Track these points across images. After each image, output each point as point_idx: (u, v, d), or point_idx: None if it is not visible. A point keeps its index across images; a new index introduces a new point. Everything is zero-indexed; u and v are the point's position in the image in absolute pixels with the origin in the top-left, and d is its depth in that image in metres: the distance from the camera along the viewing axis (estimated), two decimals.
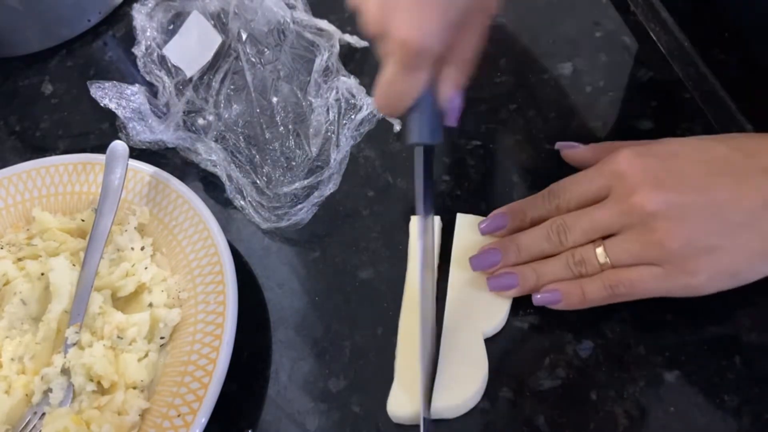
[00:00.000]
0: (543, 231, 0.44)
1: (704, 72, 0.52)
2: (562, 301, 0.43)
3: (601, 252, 0.42)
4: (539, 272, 0.44)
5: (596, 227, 0.42)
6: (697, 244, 0.39)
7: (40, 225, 0.52)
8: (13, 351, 0.46)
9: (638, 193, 0.40)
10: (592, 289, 0.43)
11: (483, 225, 0.47)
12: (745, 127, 0.49)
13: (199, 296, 0.47)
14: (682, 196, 0.40)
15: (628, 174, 0.41)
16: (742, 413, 0.40)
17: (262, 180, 0.53)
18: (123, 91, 0.57)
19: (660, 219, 0.40)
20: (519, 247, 0.45)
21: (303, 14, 0.59)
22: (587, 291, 0.43)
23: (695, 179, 0.40)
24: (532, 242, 0.45)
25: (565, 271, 0.44)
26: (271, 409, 0.45)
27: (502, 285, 0.45)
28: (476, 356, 0.44)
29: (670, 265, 0.40)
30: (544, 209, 0.45)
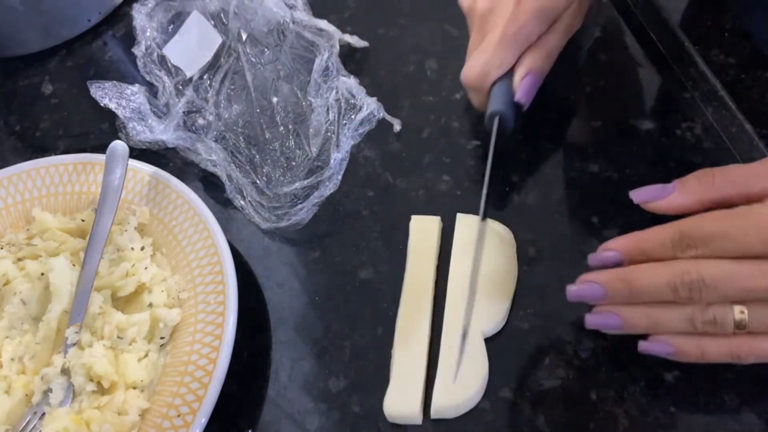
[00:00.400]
0: (667, 278, 0.36)
1: (704, 72, 0.52)
2: (673, 356, 0.38)
3: (741, 316, 0.35)
4: (651, 319, 0.37)
5: (746, 295, 0.35)
6: None
7: (40, 225, 0.52)
8: (13, 351, 0.46)
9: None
10: (713, 352, 0.37)
11: (594, 258, 0.40)
12: (745, 127, 0.49)
13: (199, 296, 0.47)
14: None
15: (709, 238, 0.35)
16: (742, 413, 0.40)
17: (262, 180, 0.53)
18: (123, 91, 0.57)
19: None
20: (632, 290, 0.37)
21: (303, 14, 0.59)
22: (707, 352, 0.37)
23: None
24: (650, 288, 0.37)
25: (686, 325, 0.37)
26: (271, 409, 0.45)
27: (602, 324, 0.39)
28: (477, 356, 0.44)
29: None
30: (670, 255, 0.37)
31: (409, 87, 0.58)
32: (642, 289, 0.37)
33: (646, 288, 0.37)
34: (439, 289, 0.47)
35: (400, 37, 0.61)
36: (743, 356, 0.36)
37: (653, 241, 0.38)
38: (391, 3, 0.63)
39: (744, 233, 0.35)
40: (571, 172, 0.51)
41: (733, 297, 0.35)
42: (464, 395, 0.42)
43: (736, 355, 0.36)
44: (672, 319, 0.37)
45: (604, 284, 0.38)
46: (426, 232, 0.49)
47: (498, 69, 0.46)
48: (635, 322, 0.38)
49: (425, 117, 0.56)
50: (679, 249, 0.36)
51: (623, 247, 0.39)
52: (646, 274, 0.37)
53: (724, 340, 0.36)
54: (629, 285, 0.37)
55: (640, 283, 0.37)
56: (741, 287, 0.35)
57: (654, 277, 0.37)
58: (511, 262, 0.47)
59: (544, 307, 0.45)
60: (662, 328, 0.38)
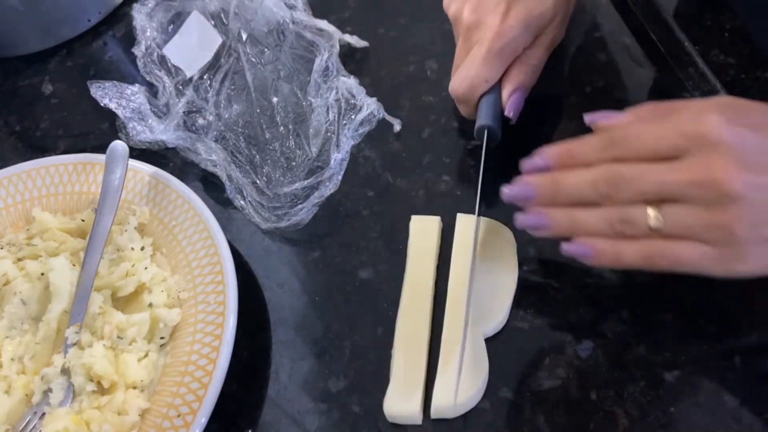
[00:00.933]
0: (591, 178, 0.39)
1: (704, 72, 0.52)
2: (593, 258, 0.39)
3: (655, 215, 0.37)
4: (574, 219, 0.40)
5: (659, 190, 0.37)
6: (762, 232, 0.36)
7: (40, 225, 0.52)
8: (13, 351, 0.46)
9: (725, 170, 0.35)
10: (629, 253, 0.38)
11: (528, 162, 0.43)
12: None
13: (199, 296, 0.47)
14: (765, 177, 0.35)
15: (717, 143, 0.36)
16: (742, 413, 0.40)
17: (262, 180, 0.53)
18: (123, 91, 0.57)
19: (738, 202, 0.35)
20: (558, 188, 0.40)
21: (303, 14, 0.59)
22: (623, 254, 0.39)
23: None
24: (575, 187, 0.40)
25: (604, 225, 0.39)
26: (271, 409, 0.45)
27: (530, 223, 0.41)
28: (477, 356, 0.44)
29: (727, 248, 0.36)
30: (597, 155, 0.40)
31: (409, 87, 0.58)
32: (567, 188, 0.40)
33: (571, 186, 0.40)
34: (439, 289, 0.47)
35: (400, 37, 0.61)
36: (656, 259, 0.38)
37: (582, 144, 0.41)
38: (391, 3, 0.63)
39: (661, 130, 0.38)
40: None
41: (648, 193, 0.37)
42: (464, 395, 0.42)
43: (649, 257, 0.38)
44: (592, 218, 0.39)
45: (534, 184, 0.41)
46: (426, 232, 0.49)
47: (485, 83, 0.48)
48: (558, 220, 0.40)
49: (425, 117, 0.56)
50: (602, 149, 0.39)
51: (554, 150, 0.42)
52: (571, 175, 0.40)
53: (639, 243, 0.38)
54: (556, 184, 0.40)
55: (566, 181, 0.40)
56: (655, 181, 0.37)
57: (578, 177, 0.40)
58: (511, 262, 0.47)
59: (544, 307, 0.45)
60: (583, 227, 0.40)
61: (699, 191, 0.36)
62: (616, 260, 0.39)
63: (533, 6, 0.48)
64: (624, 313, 0.44)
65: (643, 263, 0.39)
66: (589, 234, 0.40)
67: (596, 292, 0.46)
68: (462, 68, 0.49)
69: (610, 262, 0.39)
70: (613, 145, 0.39)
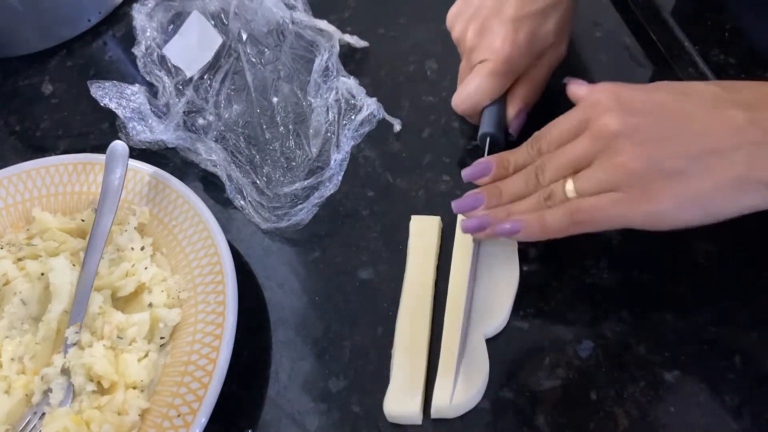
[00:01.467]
0: (523, 174, 0.44)
1: (704, 72, 0.52)
2: (521, 231, 0.43)
3: (570, 186, 0.41)
4: (511, 210, 0.44)
5: (568, 161, 0.42)
6: (660, 166, 0.38)
7: (40, 225, 0.52)
8: (13, 351, 0.46)
9: (606, 115, 0.40)
10: (552, 219, 0.42)
11: (466, 171, 0.47)
12: None
13: (199, 296, 0.47)
14: (648, 118, 0.39)
15: (601, 103, 0.41)
16: (742, 413, 0.40)
17: (262, 180, 0.53)
18: (123, 91, 0.57)
19: (624, 139, 0.39)
20: (501, 191, 0.45)
21: (303, 15, 0.59)
22: (548, 220, 0.42)
23: (667, 106, 0.40)
24: (512, 185, 0.45)
25: (535, 207, 0.43)
26: (271, 409, 0.45)
27: (473, 226, 0.45)
28: (477, 357, 0.44)
29: (633, 189, 0.39)
30: (527, 155, 0.45)
31: (409, 87, 0.58)
32: (506, 186, 0.45)
33: (511, 184, 0.45)
34: (439, 289, 0.47)
35: (400, 37, 0.61)
36: (575, 216, 0.41)
37: (515, 150, 0.46)
38: (391, 3, 0.63)
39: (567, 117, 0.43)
40: None
41: (564, 168, 0.42)
42: (464, 396, 0.42)
43: (568, 214, 0.41)
44: (523, 205, 0.44)
45: (481, 192, 0.46)
46: (426, 232, 0.49)
47: (488, 99, 0.50)
48: (499, 215, 0.44)
49: (425, 117, 0.56)
50: (530, 146, 0.45)
51: (492, 156, 0.47)
52: (511, 178, 0.45)
53: (558, 207, 0.42)
54: (498, 188, 0.45)
55: (506, 183, 0.45)
56: (567, 158, 0.42)
57: (515, 177, 0.45)
58: (512, 262, 0.47)
59: (544, 307, 0.45)
60: (517, 214, 0.44)
61: (594, 145, 0.40)
62: (543, 228, 0.42)
63: (536, 27, 0.49)
64: (624, 313, 0.44)
65: (567, 224, 0.41)
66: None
67: (596, 292, 0.46)
68: (465, 84, 0.50)
69: (539, 231, 0.43)
70: (536, 142, 0.45)
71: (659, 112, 0.39)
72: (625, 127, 0.39)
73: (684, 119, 0.39)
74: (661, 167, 0.38)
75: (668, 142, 0.38)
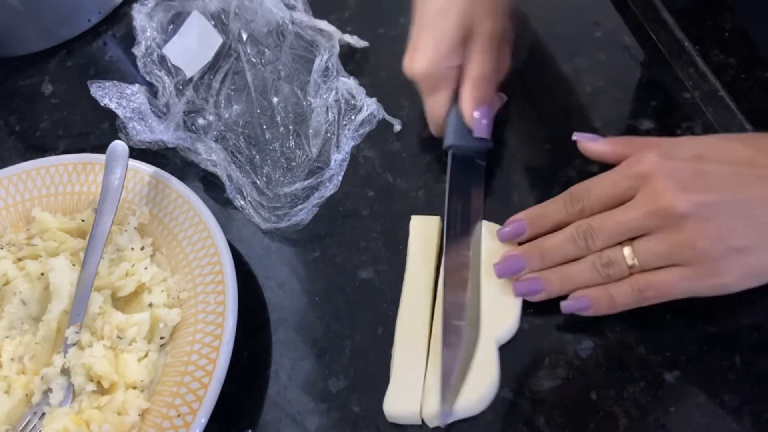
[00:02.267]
0: (568, 234, 0.43)
1: (704, 72, 0.52)
2: (591, 308, 0.43)
3: (629, 253, 0.41)
4: (564, 275, 0.43)
5: (624, 229, 0.41)
6: (726, 244, 0.39)
7: (40, 225, 0.52)
8: (13, 351, 0.46)
9: (666, 195, 0.40)
10: (620, 294, 0.42)
11: (501, 232, 0.46)
12: (745, 127, 0.49)
13: (199, 296, 0.47)
14: (709, 196, 0.39)
15: (655, 176, 0.40)
16: (742, 413, 0.40)
17: (262, 180, 0.53)
18: (123, 91, 0.57)
19: (688, 220, 0.39)
20: (543, 252, 0.44)
21: (303, 15, 0.59)
22: (615, 296, 0.42)
23: (722, 180, 0.40)
24: (557, 247, 0.44)
25: (591, 273, 0.43)
26: (271, 409, 0.45)
27: (527, 290, 0.44)
28: (487, 361, 0.43)
29: (700, 265, 0.40)
30: (565, 213, 0.44)
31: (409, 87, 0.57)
32: (551, 249, 0.44)
33: (554, 247, 0.44)
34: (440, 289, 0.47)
35: (400, 37, 0.60)
36: (645, 292, 0.41)
37: (550, 204, 0.45)
38: (391, 3, 0.63)
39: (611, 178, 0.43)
40: (571, 172, 0.51)
41: (618, 235, 0.42)
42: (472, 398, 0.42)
43: (637, 291, 0.41)
44: (579, 270, 0.43)
45: (522, 255, 0.45)
46: (426, 232, 0.49)
47: (441, 113, 0.49)
48: (551, 280, 0.44)
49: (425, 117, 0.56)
50: (569, 204, 0.44)
51: (527, 214, 0.46)
52: (552, 237, 0.44)
53: (625, 282, 0.42)
54: (540, 248, 0.44)
55: (548, 243, 0.44)
56: (618, 222, 0.41)
57: (559, 236, 0.44)
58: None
59: (544, 307, 0.45)
60: (574, 280, 0.43)
61: (655, 221, 0.40)
62: (612, 304, 0.42)
63: (437, 30, 0.47)
64: (624, 313, 0.44)
65: (636, 299, 0.42)
66: (580, 285, 0.43)
67: None
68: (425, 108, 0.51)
69: (607, 308, 0.42)
70: (576, 201, 0.44)
71: (716, 189, 0.40)
72: (687, 209, 0.39)
73: (740, 193, 0.39)
74: (725, 245, 0.39)
75: (729, 219, 0.39)
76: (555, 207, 0.45)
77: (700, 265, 0.40)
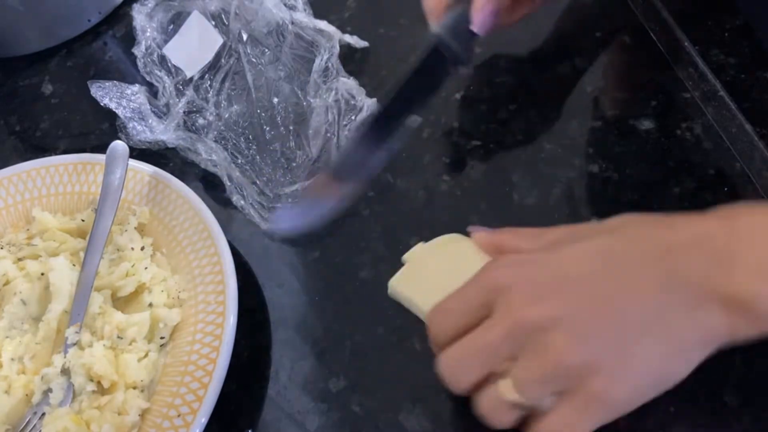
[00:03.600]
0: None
1: (704, 72, 0.52)
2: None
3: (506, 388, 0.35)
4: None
5: (490, 357, 0.36)
6: (598, 361, 0.34)
7: (40, 225, 0.52)
8: (13, 351, 0.46)
9: (520, 308, 0.35)
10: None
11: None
12: (745, 126, 0.49)
13: (199, 296, 0.47)
14: (562, 301, 0.34)
15: (504, 288, 0.36)
16: (742, 413, 0.40)
17: (263, 180, 0.53)
18: (123, 91, 0.57)
19: (549, 332, 0.34)
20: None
21: (303, 15, 0.59)
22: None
23: (577, 279, 0.35)
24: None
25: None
26: (271, 409, 0.45)
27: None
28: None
29: (584, 391, 0.34)
30: (434, 338, 0.39)
31: None
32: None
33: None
34: None
35: (400, 37, 0.61)
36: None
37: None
38: (391, 3, 0.63)
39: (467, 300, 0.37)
40: (571, 172, 0.51)
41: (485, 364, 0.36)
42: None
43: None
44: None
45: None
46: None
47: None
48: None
49: (425, 117, 0.56)
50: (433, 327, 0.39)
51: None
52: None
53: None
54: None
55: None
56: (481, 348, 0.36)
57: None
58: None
59: None
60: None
61: (519, 340, 0.35)
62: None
63: None
64: None
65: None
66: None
67: None
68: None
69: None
70: (436, 324, 0.39)
71: (574, 295, 0.35)
72: (547, 320, 0.34)
73: (605, 297, 0.34)
74: (600, 364, 0.34)
75: (600, 330, 0.34)
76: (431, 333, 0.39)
77: (582, 390, 0.34)
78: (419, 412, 0.43)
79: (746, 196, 0.48)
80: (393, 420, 0.43)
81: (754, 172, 0.48)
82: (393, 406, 0.44)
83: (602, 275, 0.35)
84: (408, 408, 0.44)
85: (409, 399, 0.44)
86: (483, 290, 0.37)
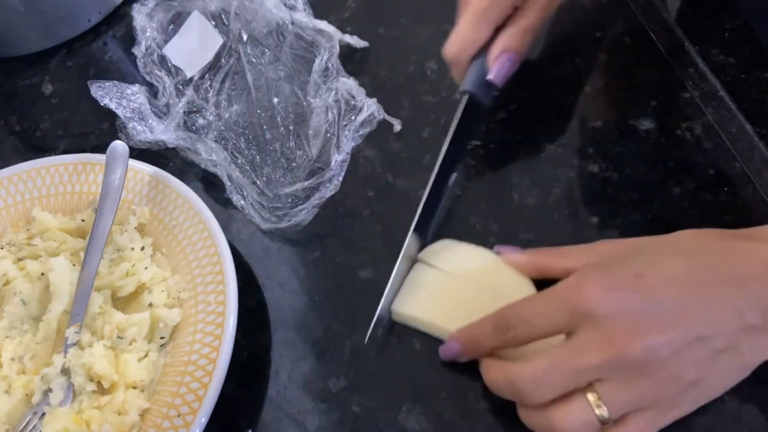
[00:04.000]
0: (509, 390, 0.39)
1: (704, 72, 0.52)
2: None
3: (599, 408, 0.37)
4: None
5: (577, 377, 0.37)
6: (685, 378, 0.36)
7: (40, 225, 0.52)
8: (13, 351, 0.46)
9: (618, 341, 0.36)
10: None
11: (442, 350, 0.44)
12: (745, 126, 0.49)
13: (199, 296, 0.47)
14: (664, 336, 0.36)
15: (602, 317, 0.36)
16: (742, 413, 0.40)
17: (263, 180, 0.53)
18: (123, 91, 0.57)
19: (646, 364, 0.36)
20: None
21: (303, 15, 0.59)
22: None
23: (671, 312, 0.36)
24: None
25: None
26: (271, 409, 0.45)
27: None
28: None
29: (662, 404, 0.37)
30: (497, 341, 0.40)
31: (409, 87, 0.58)
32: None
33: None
34: None
35: (400, 37, 0.61)
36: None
37: (481, 327, 0.41)
38: (391, 3, 0.63)
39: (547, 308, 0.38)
40: (571, 172, 0.51)
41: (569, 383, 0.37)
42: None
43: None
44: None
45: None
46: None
47: (472, 45, 0.48)
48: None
49: (425, 117, 0.56)
50: (501, 332, 0.40)
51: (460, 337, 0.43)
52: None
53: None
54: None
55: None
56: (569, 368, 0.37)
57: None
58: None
59: None
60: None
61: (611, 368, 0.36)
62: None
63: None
64: None
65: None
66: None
67: None
68: (455, 29, 0.48)
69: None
70: (508, 328, 0.39)
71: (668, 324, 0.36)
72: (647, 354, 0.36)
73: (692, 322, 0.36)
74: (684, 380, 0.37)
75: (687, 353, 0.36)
76: (486, 332, 0.41)
77: (663, 404, 0.37)
78: (419, 412, 0.43)
79: (746, 196, 0.48)
80: (393, 420, 0.43)
81: (753, 172, 0.48)
82: (393, 406, 0.44)
83: (691, 302, 0.36)
84: (408, 408, 0.44)
85: (409, 399, 0.44)
86: (567, 312, 0.37)
